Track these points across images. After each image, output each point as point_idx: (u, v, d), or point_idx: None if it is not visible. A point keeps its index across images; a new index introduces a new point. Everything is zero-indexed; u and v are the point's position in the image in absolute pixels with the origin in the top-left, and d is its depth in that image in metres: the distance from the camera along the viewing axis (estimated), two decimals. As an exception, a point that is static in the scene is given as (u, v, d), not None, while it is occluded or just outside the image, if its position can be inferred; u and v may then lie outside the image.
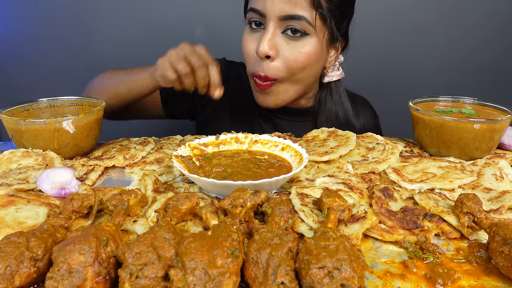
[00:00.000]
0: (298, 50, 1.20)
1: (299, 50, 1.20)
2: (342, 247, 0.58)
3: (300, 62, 1.21)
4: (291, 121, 1.45)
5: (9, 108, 1.12)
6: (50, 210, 0.80)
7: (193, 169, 0.96)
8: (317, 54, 1.23)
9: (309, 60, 1.22)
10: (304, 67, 1.23)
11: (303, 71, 1.24)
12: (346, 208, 0.74)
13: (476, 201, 0.76)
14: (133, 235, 0.75)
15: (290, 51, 1.20)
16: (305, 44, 1.20)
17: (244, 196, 0.75)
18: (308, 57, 1.21)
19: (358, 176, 0.98)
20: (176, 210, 0.73)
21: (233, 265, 0.55)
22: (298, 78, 1.26)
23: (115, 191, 0.89)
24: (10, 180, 0.93)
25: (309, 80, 1.30)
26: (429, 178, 0.95)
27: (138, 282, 0.54)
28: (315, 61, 1.25)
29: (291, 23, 1.17)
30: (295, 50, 1.20)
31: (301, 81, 1.28)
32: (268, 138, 1.09)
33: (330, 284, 0.53)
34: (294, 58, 1.20)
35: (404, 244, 0.72)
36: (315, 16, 1.17)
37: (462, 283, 0.63)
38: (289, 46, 1.20)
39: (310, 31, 1.19)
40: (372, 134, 1.23)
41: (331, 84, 1.41)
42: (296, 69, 1.22)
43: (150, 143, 1.20)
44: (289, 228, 0.74)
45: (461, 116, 1.13)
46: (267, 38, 1.18)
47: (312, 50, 1.21)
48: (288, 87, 1.27)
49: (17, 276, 0.57)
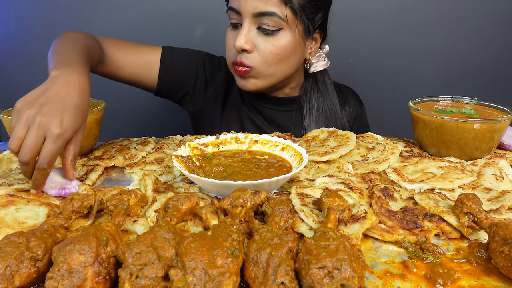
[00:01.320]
0: (273, 44, 1.27)
1: (273, 43, 1.27)
2: (342, 247, 0.58)
3: (275, 54, 1.28)
4: (279, 110, 1.50)
5: (9, 108, 1.12)
6: (50, 210, 0.81)
7: (193, 169, 0.96)
8: (291, 47, 1.30)
9: (284, 53, 1.29)
10: (280, 59, 1.30)
11: (280, 62, 1.31)
12: (346, 208, 0.74)
13: (476, 201, 0.76)
14: (133, 235, 0.75)
15: (264, 44, 1.27)
16: (279, 38, 1.27)
17: (244, 196, 0.75)
18: (282, 50, 1.28)
19: (358, 176, 0.98)
20: (176, 210, 0.73)
21: (233, 265, 0.55)
22: (275, 69, 1.32)
23: (115, 191, 0.89)
24: (10, 180, 0.93)
25: (287, 71, 1.36)
26: (429, 178, 0.95)
27: (138, 282, 0.54)
28: (290, 53, 1.31)
29: (263, 19, 1.24)
30: (269, 43, 1.27)
31: (279, 72, 1.34)
32: (268, 138, 1.09)
33: (330, 284, 0.53)
34: (269, 51, 1.27)
35: (404, 244, 0.72)
36: (285, 11, 1.23)
37: (462, 283, 0.63)
38: (264, 40, 1.27)
39: (283, 25, 1.26)
40: (372, 134, 1.23)
41: (317, 74, 1.47)
42: (272, 60, 1.29)
43: (150, 143, 1.20)
44: (289, 228, 0.74)
45: (461, 116, 1.13)
46: (243, 33, 1.26)
47: (286, 43, 1.28)
48: (265, 74, 1.33)
49: (17, 276, 0.57)
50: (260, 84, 1.35)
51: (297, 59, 1.37)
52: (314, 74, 1.47)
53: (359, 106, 1.62)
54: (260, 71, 1.31)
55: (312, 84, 1.48)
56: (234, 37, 1.31)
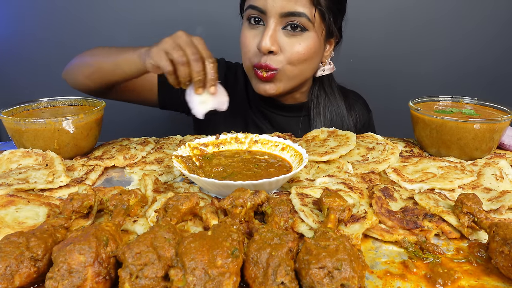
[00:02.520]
0: (299, 43, 1.25)
1: (299, 43, 1.25)
2: (342, 247, 0.58)
3: (301, 54, 1.26)
4: (286, 116, 1.49)
5: (9, 108, 1.12)
6: (50, 210, 0.80)
7: (193, 169, 0.96)
8: (315, 49, 1.29)
9: (309, 54, 1.28)
10: (305, 59, 1.28)
11: (304, 63, 1.29)
12: (346, 208, 0.74)
13: (476, 201, 0.76)
14: (133, 235, 0.75)
15: (290, 45, 1.25)
16: (305, 39, 1.25)
17: (244, 196, 0.75)
18: (308, 51, 1.27)
19: (358, 176, 0.98)
20: (176, 210, 0.73)
21: (233, 265, 0.55)
22: (297, 71, 1.31)
23: (115, 191, 0.89)
24: (10, 180, 0.93)
25: (307, 73, 1.36)
26: (429, 178, 0.95)
27: (138, 282, 0.54)
28: (314, 55, 1.30)
29: (291, 19, 1.22)
30: (296, 44, 1.25)
31: (302, 73, 1.33)
32: (268, 138, 1.09)
33: (330, 284, 0.53)
34: (295, 51, 1.25)
35: (404, 244, 0.72)
36: (314, 12, 1.22)
37: (462, 283, 0.63)
38: (290, 41, 1.25)
39: (309, 27, 1.24)
40: (372, 134, 1.23)
41: (323, 78, 1.46)
42: (297, 61, 1.27)
43: (150, 143, 1.20)
44: (289, 228, 0.74)
45: (461, 116, 1.13)
46: (269, 34, 1.22)
47: (312, 45, 1.27)
48: (289, 76, 1.31)
49: (17, 276, 0.57)
50: (282, 87, 1.32)
51: (318, 61, 1.36)
52: (320, 78, 1.46)
53: (367, 113, 1.60)
54: (286, 72, 1.28)
55: (319, 88, 1.46)
56: (254, 37, 1.27)
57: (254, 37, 1.27)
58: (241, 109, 1.50)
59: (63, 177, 0.93)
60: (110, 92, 1.34)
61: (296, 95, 1.47)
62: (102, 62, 1.22)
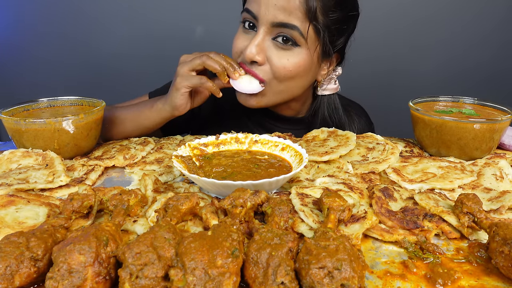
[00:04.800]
0: (287, 58, 1.17)
1: (287, 58, 1.17)
2: (342, 247, 0.58)
3: (288, 71, 1.18)
4: (285, 128, 1.41)
5: (9, 108, 1.12)
6: (50, 210, 0.81)
7: (193, 169, 0.96)
8: (305, 67, 1.20)
9: (297, 71, 1.19)
10: (292, 76, 1.20)
11: (291, 80, 1.21)
12: (346, 208, 0.74)
13: (476, 201, 0.76)
14: (133, 235, 0.75)
15: (278, 58, 1.17)
16: (295, 55, 1.17)
17: (244, 196, 0.75)
18: (296, 68, 1.18)
19: (358, 176, 0.98)
20: (176, 210, 0.73)
21: (233, 265, 0.55)
22: (284, 87, 1.23)
23: (115, 191, 0.89)
24: (10, 180, 0.93)
25: (295, 90, 1.28)
26: (429, 178, 0.95)
27: (138, 282, 0.54)
28: (303, 73, 1.22)
29: (283, 30, 1.14)
30: (283, 58, 1.17)
31: (288, 90, 1.26)
32: (268, 138, 1.09)
33: (330, 284, 0.53)
34: (282, 65, 1.17)
35: (404, 244, 0.72)
36: (308, 28, 1.14)
37: (462, 283, 0.63)
38: (278, 54, 1.17)
39: (301, 42, 1.16)
40: (372, 134, 1.23)
41: (324, 97, 1.38)
42: (284, 77, 1.19)
43: (150, 143, 1.20)
44: (289, 228, 0.74)
45: (461, 116, 1.13)
46: (256, 42, 1.16)
47: (301, 62, 1.18)
48: (274, 91, 1.24)
49: (17, 276, 0.57)
50: (264, 101, 1.25)
51: (309, 80, 1.27)
52: (323, 97, 1.38)
53: (369, 127, 1.54)
54: (272, 86, 1.21)
55: (320, 105, 1.38)
56: (245, 40, 1.20)
57: (245, 40, 1.21)
58: (239, 120, 1.46)
59: (63, 177, 0.93)
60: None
61: (293, 107, 1.40)
62: (138, 118, 1.29)
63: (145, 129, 1.29)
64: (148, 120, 1.26)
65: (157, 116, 1.24)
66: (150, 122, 1.26)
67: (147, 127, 1.28)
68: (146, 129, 1.29)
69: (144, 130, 1.29)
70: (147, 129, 1.29)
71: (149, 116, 1.25)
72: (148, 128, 1.29)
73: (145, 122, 1.27)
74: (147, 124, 1.27)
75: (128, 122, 1.29)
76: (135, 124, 1.28)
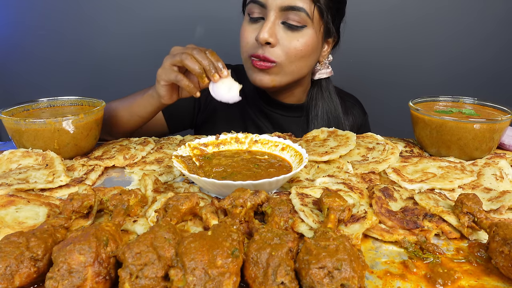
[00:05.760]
0: (297, 39, 1.27)
1: (297, 39, 1.27)
2: (342, 247, 0.58)
3: (298, 50, 1.28)
4: (285, 116, 1.51)
5: (9, 108, 1.12)
6: (50, 210, 0.81)
7: (193, 169, 0.96)
8: (313, 46, 1.31)
9: (307, 50, 1.29)
10: (302, 55, 1.30)
11: (301, 60, 1.31)
12: (346, 208, 0.74)
13: (476, 201, 0.76)
14: (133, 235, 0.75)
15: (289, 39, 1.27)
16: (303, 35, 1.27)
17: (244, 196, 0.75)
18: (306, 47, 1.28)
19: (358, 176, 0.98)
20: (176, 210, 0.73)
21: (233, 265, 0.55)
22: (294, 67, 1.32)
23: (115, 191, 0.89)
24: (10, 180, 0.93)
25: (303, 70, 1.37)
26: (429, 178, 0.95)
27: (138, 282, 0.54)
28: (311, 52, 1.32)
29: (290, 14, 1.24)
30: (294, 39, 1.27)
31: (299, 70, 1.34)
32: (268, 138, 1.09)
33: (330, 284, 0.53)
34: (293, 46, 1.27)
35: (404, 244, 0.72)
36: (313, 9, 1.24)
37: (462, 283, 0.63)
38: (288, 35, 1.27)
39: (308, 23, 1.26)
40: (372, 134, 1.23)
41: (322, 81, 1.48)
42: (295, 57, 1.29)
43: (150, 143, 1.20)
44: (289, 228, 0.74)
45: (461, 116, 1.13)
46: (268, 26, 1.24)
47: (310, 41, 1.29)
48: (286, 71, 1.32)
49: (17, 276, 0.57)
50: (278, 80, 1.33)
51: (314, 59, 1.38)
52: (319, 81, 1.48)
53: (363, 115, 1.63)
54: (283, 67, 1.30)
55: (317, 90, 1.49)
56: (253, 31, 1.29)
57: (253, 31, 1.29)
58: (240, 108, 1.52)
59: (63, 177, 0.93)
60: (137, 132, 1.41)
61: (296, 94, 1.48)
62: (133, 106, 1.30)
63: (138, 118, 1.29)
64: (140, 107, 1.26)
65: (147, 103, 1.24)
66: (142, 109, 1.26)
67: (141, 116, 1.28)
68: (139, 118, 1.29)
69: (138, 119, 1.30)
70: (140, 118, 1.29)
71: (141, 103, 1.26)
72: (142, 117, 1.29)
73: (137, 109, 1.27)
74: (140, 112, 1.27)
75: (121, 111, 1.30)
76: (128, 113, 1.29)
